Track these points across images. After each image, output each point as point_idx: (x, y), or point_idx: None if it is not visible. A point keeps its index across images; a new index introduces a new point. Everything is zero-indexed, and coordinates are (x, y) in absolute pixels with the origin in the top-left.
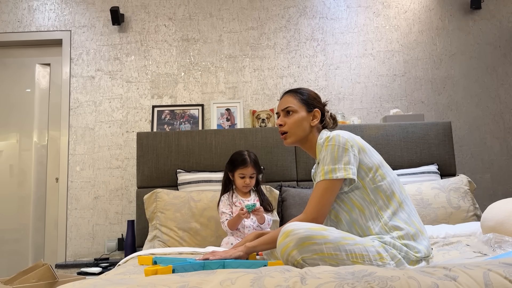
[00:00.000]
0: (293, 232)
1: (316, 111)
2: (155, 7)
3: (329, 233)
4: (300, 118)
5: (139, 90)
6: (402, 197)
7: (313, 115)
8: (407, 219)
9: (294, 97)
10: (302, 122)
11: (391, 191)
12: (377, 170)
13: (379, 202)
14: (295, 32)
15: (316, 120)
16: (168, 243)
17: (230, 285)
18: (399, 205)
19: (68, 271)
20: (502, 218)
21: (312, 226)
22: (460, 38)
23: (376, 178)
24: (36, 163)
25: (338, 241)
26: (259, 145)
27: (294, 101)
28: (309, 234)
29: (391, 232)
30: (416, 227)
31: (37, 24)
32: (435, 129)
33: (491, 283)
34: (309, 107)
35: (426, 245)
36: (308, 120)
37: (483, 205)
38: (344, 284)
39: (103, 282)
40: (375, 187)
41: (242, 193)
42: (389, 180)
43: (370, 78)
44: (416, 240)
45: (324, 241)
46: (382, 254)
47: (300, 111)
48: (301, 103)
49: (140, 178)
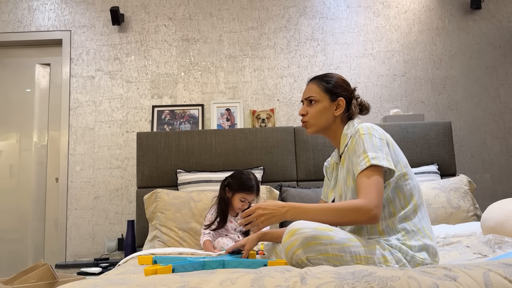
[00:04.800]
0: (299, 231)
1: (340, 100)
2: (155, 7)
3: (335, 234)
4: (322, 108)
5: (139, 90)
6: (419, 203)
7: (337, 104)
8: (417, 223)
9: (318, 85)
10: (325, 112)
11: (410, 194)
12: (402, 170)
13: (396, 201)
14: (295, 32)
15: (340, 110)
16: (168, 243)
17: (230, 285)
18: (414, 209)
19: (68, 271)
20: (502, 218)
21: (318, 225)
22: (460, 38)
23: (400, 178)
24: (36, 163)
25: (344, 243)
26: (259, 145)
27: (317, 90)
28: (315, 234)
29: (397, 233)
30: (425, 233)
31: (37, 24)
32: (435, 129)
33: (491, 283)
34: (332, 95)
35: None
36: (331, 109)
37: (483, 205)
38: (344, 284)
39: (103, 282)
40: (397, 186)
41: (232, 212)
42: (412, 184)
43: (370, 78)
44: (423, 244)
45: (329, 242)
46: (387, 257)
47: (322, 100)
48: (324, 92)
49: (140, 178)
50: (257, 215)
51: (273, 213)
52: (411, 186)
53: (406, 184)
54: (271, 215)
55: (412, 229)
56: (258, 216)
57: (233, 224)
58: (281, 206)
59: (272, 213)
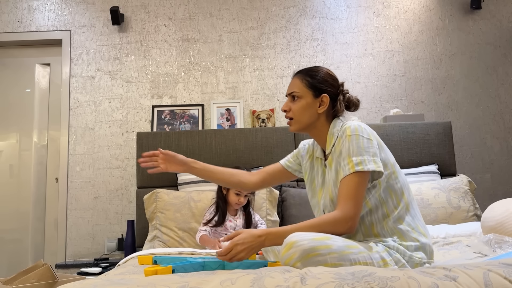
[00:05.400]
0: (297, 243)
1: (324, 97)
2: (155, 7)
3: (332, 242)
4: (305, 104)
5: (139, 90)
6: (410, 199)
7: (321, 101)
8: (411, 221)
9: (301, 80)
10: (308, 109)
11: (401, 192)
12: (392, 168)
13: (389, 202)
14: (295, 32)
15: (324, 106)
16: (168, 243)
17: (230, 285)
18: (406, 208)
19: (68, 271)
20: (502, 218)
21: (315, 236)
22: (460, 38)
23: (390, 176)
24: (36, 163)
25: (342, 251)
26: (259, 145)
27: (300, 85)
28: (313, 245)
29: (393, 236)
30: (420, 231)
31: (37, 24)
32: (435, 129)
33: (491, 283)
34: (316, 91)
35: (428, 250)
36: (314, 106)
37: (483, 205)
38: (344, 285)
39: (103, 282)
40: (388, 185)
41: (231, 210)
42: (401, 181)
43: (370, 78)
44: (419, 244)
45: (328, 251)
46: (386, 259)
47: (305, 96)
48: (307, 88)
49: (140, 178)
50: (236, 252)
51: (252, 245)
52: (401, 184)
53: (396, 182)
54: (250, 248)
55: (407, 229)
56: (237, 253)
57: (232, 223)
58: (258, 236)
59: (251, 246)
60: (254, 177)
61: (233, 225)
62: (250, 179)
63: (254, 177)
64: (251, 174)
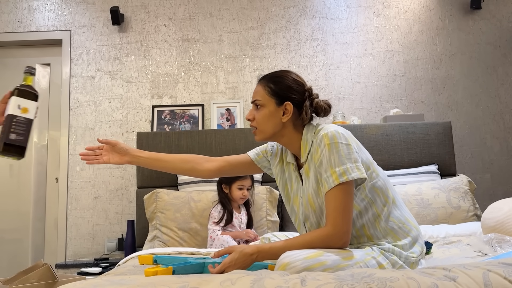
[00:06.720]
0: (289, 265)
1: (287, 105)
2: (155, 7)
3: (326, 258)
4: (268, 113)
5: (139, 90)
6: (393, 192)
7: (285, 109)
8: (400, 215)
9: (264, 87)
10: (271, 118)
11: (386, 187)
12: (372, 167)
13: (377, 201)
14: (295, 32)
15: (287, 115)
16: (168, 243)
17: (230, 285)
18: (393, 202)
19: (68, 271)
20: (502, 218)
21: (308, 254)
22: (460, 38)
23: (372, 175)
24: (36, 163)
25: (337, 264)
26: (259, 145)
27: (262, 93)
28: (307, 265)
29: (386, 237)
30: (409, 222)
31: (37, 24)
32: (435, 129)
33: (490, 283)
34: (279, 99)
35: (420, 242)
36: (277, 115)
37: (483, 205)
38: (344, 285)
39: (103, 282)
40: (372, 184)
41: (235, 207)
42: (382, 176)
43: (370, 78)
44: (411, 238)
45: (322, 268)
46: (383, 263)
47: (268, 104)
48: (269, 95)
49: (140, 178)
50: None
51: (243, 265)
52: (382, 180)
53: (378, 180)
54: (241, 267)
55: (398, 225)
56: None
57: (237, 220)
58: (249, 254)
59: (242, 266)
60: (210, 164)
61: (238, 222)
62: (206, 166)
63: (210, 164)
64: (207, 160)
